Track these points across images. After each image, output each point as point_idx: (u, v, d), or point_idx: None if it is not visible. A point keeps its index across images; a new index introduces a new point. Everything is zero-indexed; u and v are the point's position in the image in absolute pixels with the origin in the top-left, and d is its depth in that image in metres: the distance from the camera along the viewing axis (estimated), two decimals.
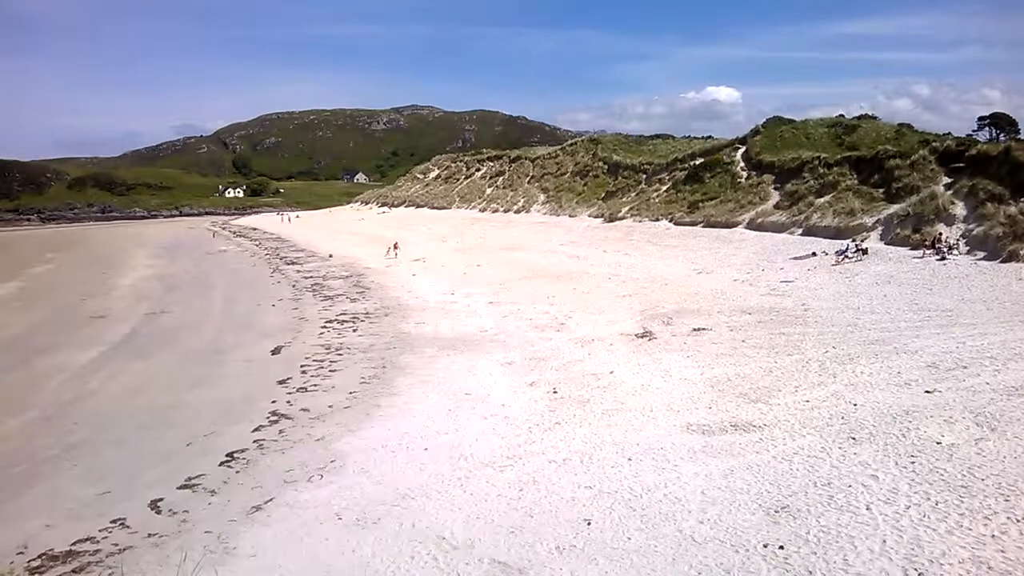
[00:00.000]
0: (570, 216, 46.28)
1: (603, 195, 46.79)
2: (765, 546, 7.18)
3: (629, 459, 9.85)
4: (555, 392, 13.48)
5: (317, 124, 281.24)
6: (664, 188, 42.42)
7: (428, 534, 8.36)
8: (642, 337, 16.98)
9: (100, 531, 9.39)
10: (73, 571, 8.39)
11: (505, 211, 54.90)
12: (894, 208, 26.41)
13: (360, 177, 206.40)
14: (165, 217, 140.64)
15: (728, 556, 7.12)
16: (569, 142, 65.01)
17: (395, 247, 38.66)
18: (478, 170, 71.60)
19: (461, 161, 79.80)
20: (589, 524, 8.17)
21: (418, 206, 71.25)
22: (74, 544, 9.09)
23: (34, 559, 8.71)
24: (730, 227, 32.65)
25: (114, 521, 9.67)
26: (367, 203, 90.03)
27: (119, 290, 34.82)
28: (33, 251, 64.62)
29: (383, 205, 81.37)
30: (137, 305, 29.44)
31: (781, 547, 7.12)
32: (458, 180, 73.34)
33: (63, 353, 20.82)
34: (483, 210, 58.32)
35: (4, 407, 15.77)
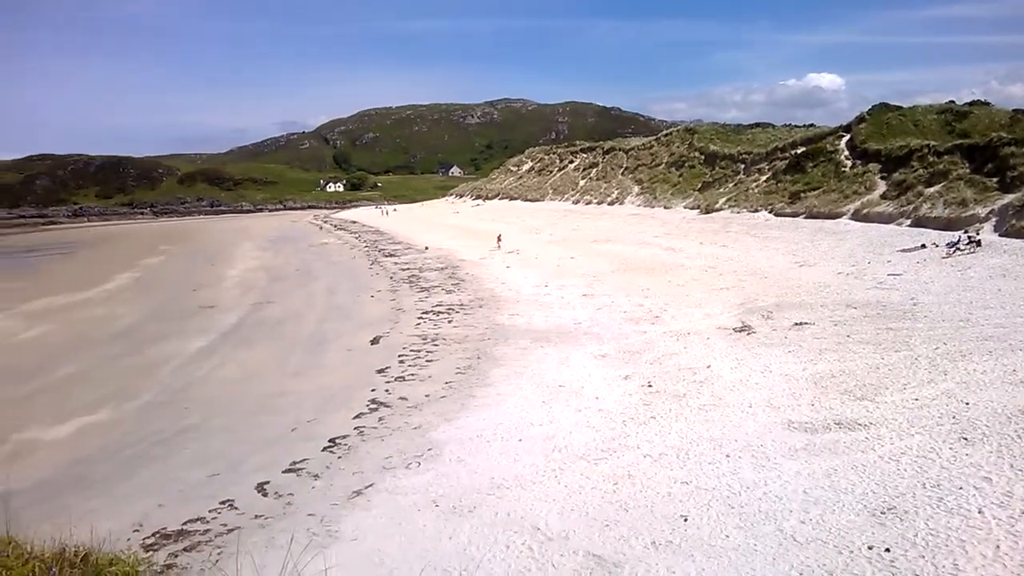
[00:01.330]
0: (665, 208, 45.58)
1: (699, 186, 45.85)
2: (870, 548, 6.92)
3: (727, 456, 9.66)
4: (650, 386, 13.34)
5: (413, 119, 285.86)
6: (764, 178, 41.26)
7: (523, 524, 8.41)
8: (741, 331, 16.60)
9: (210, 511, 9.83)
10: (184, 549, 8.77)
11: (598, 203, 54.51)
12: (1009, 198, 24.91)
13: (455, 171, 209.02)
14: (270, 211, 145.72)
15: (831, 557, 6.90)
16: (664, 132, 63.95)
17: (499, 239, 38.79)
18: (571, 162, 71.28)
19: (554, 153, 79.59)
20: (686, 520, 8.06)
21: (511, 199, 71.54)
22: (185, 523, 9.52)
23: (148, 537, 9.14)
24: (833, 218, 31.49)
25: (223, 502, 10.10)
26: (461, 196, 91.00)
27: (227, 281, 36.34)
28: (147, 243, 68.08)
29: (477, 198, 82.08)
30: (244, 296, 30.65)
31: (887, 550, 6.85)
32: (551, 172, 73.23)
33: (175, 341, 21.88)
34: (576, 202, 58.08)
35: (121, 392, 16.72)
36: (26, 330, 25.04)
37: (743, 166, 44.61)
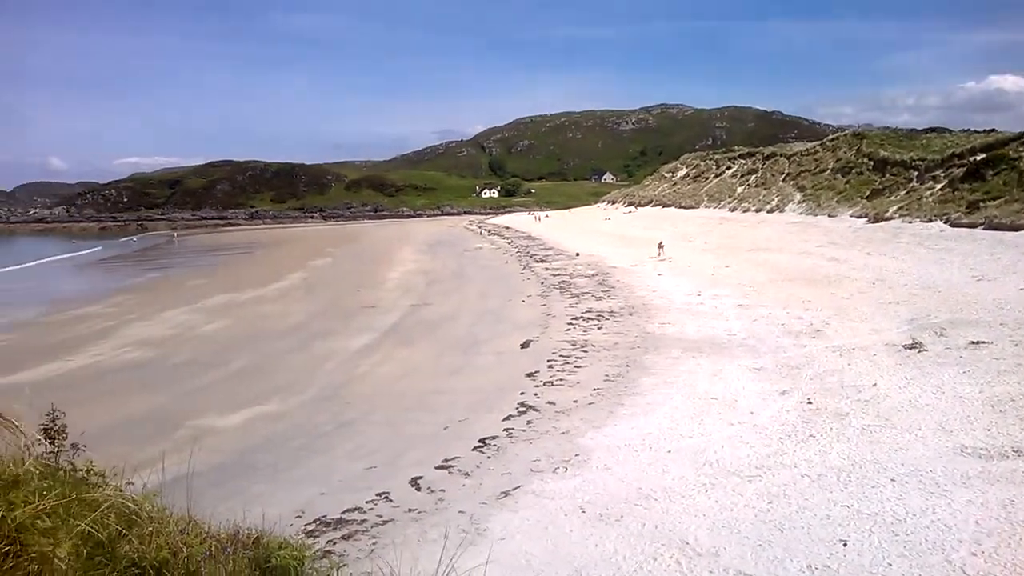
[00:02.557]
0: (829, 216, 43.46)
1: (867, 193, 43.39)
2: None
3: (892, 480, 9.07)
4: (809, 402, 12.74)
5: (567, 126, 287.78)
6: (938, 186, 38.52)
7: (671, 537, 8.24)
8: (910, 348, 15.55)
9: (367, 503, 10.24)
10: (343, 537, 9.18)
11: (757, 210, 52.73)
12: None
13: (607, 177, 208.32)
14: (428, 216, 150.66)
15: None
16: (830, 137, 60.94)
17: (660, 247, 38.17)
18: (728, 168, 69.36)
19: (711, 159, 77.72)
20: (845, 545, 7.63)
21: (665, 205, 70.50)
22: (344, 512, 9.95)
23: (310, 523, 9.61)
24: (1016, 230, 28.94)
25: (379, 494, 10.50)
26: (613, 202, 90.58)
27: (387, 283, 37.86)
28: (315, 246, 72.01)
29: (629, 204, 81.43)
30: (403, 297, 31.82)
31: None
32: (707, 179, 71.54)
33: (339, 338, 23.01)
34: (733, 209, 56.45)
35: (289, 385, 17.75)
36: (206, 324, 27.10)
37: (916, 173, 41.82)
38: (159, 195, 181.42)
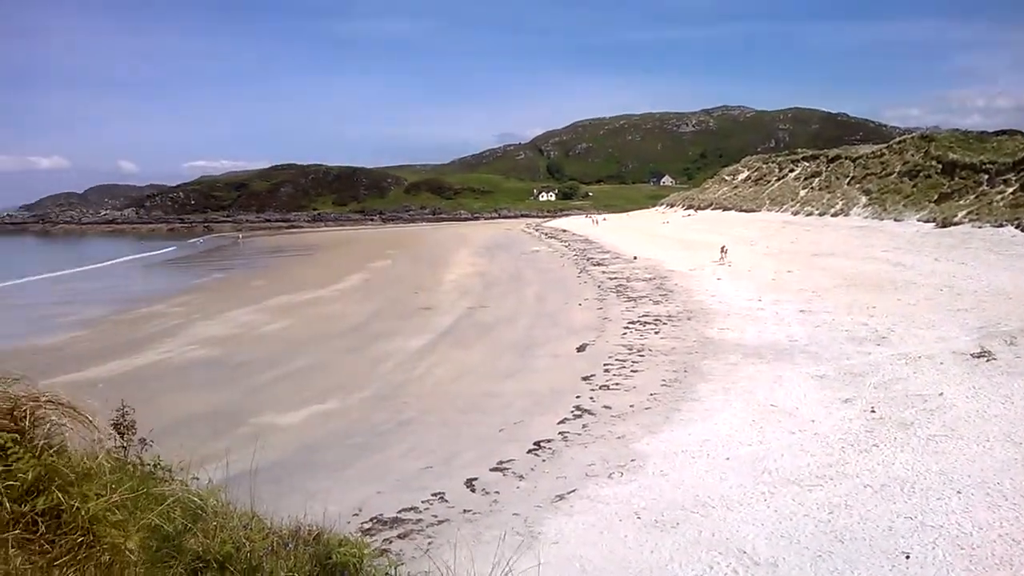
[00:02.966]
0: (895, 220, 42.34)
1: (935, 197, 42.13)
2: None
3: (958, 492, 8.81)
4: (873, 411, 12.44)
5: (626, 129, 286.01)
6: (1010, 190, 37.18)
7: (728, 546, 8.14)
8: (979, 357, 15.06)
9: (423, 502, 10.35)
10: (399, 536, 9.29)
11: (820, 214, 51.65)
12: None
13: (666, 180, 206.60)
14: (486, 219, 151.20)
15: None
16: (896, 140, 59.32)
17: (723, 251, 37.53)
18: (791, 171, 68.06)
19: (773, 162, 76.33)
20: (908, 558, 7.44)
21: (725, 209, 69.54)
22: (400, 512, 10.07)
23: (366, 522, 9.76)
24: None
25: (434, 495, 10.61)
26: (672, 206, 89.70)
27: (445, 285, 38.18)
28: (375, 248, 73.03)
29: (688, 208, 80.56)
30: (460, 299, 32.05)
31: None
32: (769, 182, 70.33)
33: (397, 339, 23.29)
34: (795, 213, 55.38)
35: (348, 384, 18.05)
36: (269, 324, 27.70)
37: (986, 177, 40.45)
38: (225, 197, 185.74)
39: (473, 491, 10.70)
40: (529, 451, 12.24)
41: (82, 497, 3.09)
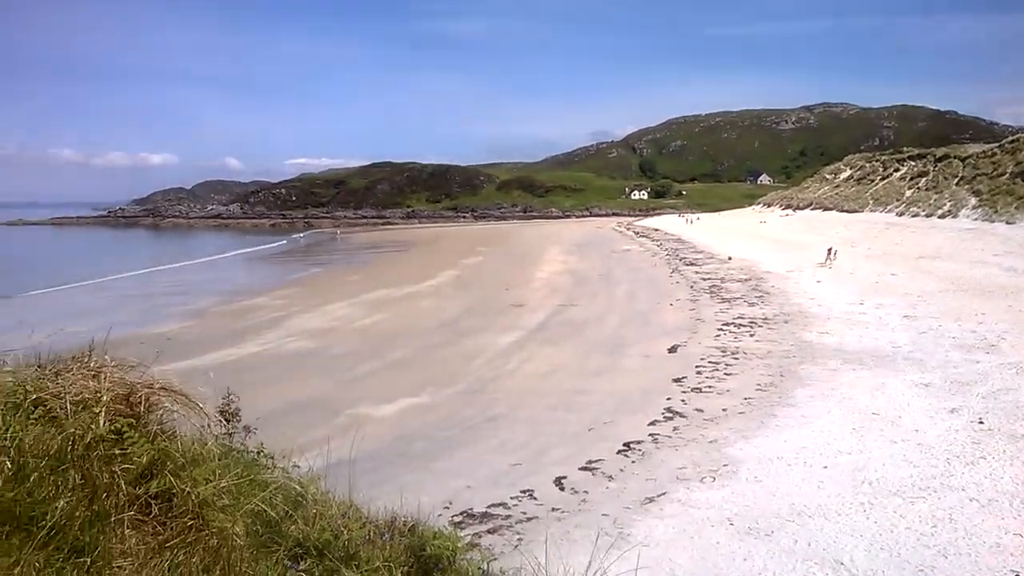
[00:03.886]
0: (1007, 223, 40.10)
1: None
2: None
3: None
4: (981, 422, 11.85)
5: (722, 126, 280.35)
6: None
7: (825, 556, 7.89)
8: None
9: (512, 498, 10.42)
10: (488, 531, 9.38)
11: (926, 215, 49.41)
12: None
13: (764, 179, 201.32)
14: (576, 217, 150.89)
15: None
16: (1009, 139, 56.17)
17: (830, 253, 36.20)
18: (896, 170, 65.35)
19: (877, 161, 73.45)
20: None
21: (825, 208, 67.34)
22: (489, 507, 10.17)
23: (456, 515, 9.88)
24: None
25: (524, 491, 10.67)
26: (769, 205, 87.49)
27: (535, 282, 38.31)
28: (467, 245, 73.84)
29: (786, 207, 78.41)
30: (550, 297, 32.11)
31: None
32: (872, 181, 67.72)
33: (488, 335, 23.53)
34: (900, 214, 53.16)
35: (440, 378, 18.34)
36: (364, 317, 28.41)
37: None
38: (324, 194, 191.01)
39: (562, 489, 10.71)
40: (619, 451, 12.17)
41: (192, 481, 3.24)
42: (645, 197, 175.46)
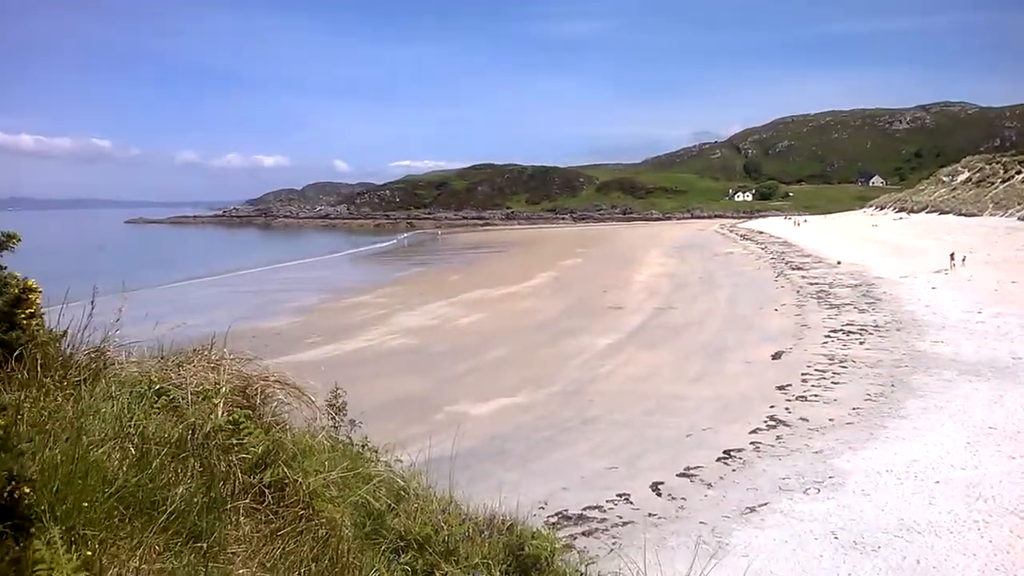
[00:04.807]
0: None
1: None
2: None
3: None
4: None
5: (832, 126, 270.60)
6: None
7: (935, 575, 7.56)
8: None
9: (607, 502, 10.40)
10: (583, 533, 9.39)
11: None
12: None
13: (875, 180, 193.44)
14: (677, 219, 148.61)
15: None
16: None
17: (953, 258, 34.55)
18: (1018, 172, 61.73)
19: (998, 163, 69.56)
20: None
21: (941, 212, 64.16)
22: (584, 509, 10.19)
23: (551, 516, 9.93)
24: None
25: (619, 495, 10.62)
26: (882, 208, 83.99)
27: (634, 285, 37.96)
28: (566, 246, 73.83)
29: (900, 210, 75.10)
30: (649, 299, 31.77)
31: None
32: (992, 184, 64.16)
33: (585, 337, 23.47)
34: (1022, 219, 50.19)
35: (537, 378, 18.43)
36: (464, 317, 28.81)
37: None
38: (426, 195, 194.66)
39: (659, 495, 10.61)
40: (718, 459, 11.96)
41: (303, 472, 3.37)
42: (749, 199, 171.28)
